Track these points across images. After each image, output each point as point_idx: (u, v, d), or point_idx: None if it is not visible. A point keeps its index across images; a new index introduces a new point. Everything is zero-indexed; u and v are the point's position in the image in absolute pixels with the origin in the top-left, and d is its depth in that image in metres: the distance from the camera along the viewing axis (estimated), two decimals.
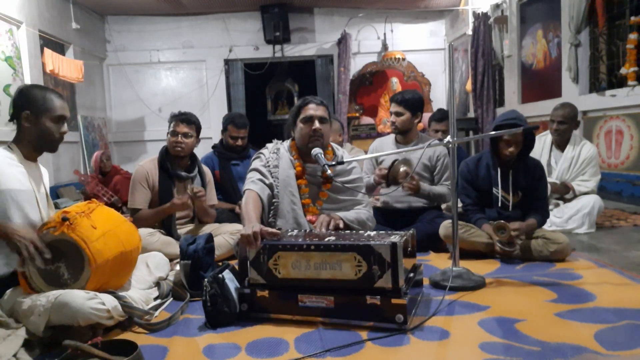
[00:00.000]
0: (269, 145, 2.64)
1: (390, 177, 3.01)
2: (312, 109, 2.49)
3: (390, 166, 3.02)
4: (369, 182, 3.19)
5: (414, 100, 3.20)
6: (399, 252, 1.75)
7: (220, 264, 2.20)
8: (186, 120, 2.97)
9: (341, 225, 2.36)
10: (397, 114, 3.22)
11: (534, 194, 2.78)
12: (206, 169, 3.20)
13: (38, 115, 2.00)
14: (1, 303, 1.84)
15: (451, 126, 2.31)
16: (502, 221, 2.62)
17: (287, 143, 2.62)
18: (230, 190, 3.70)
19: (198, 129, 3.05)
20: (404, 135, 3.27)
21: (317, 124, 2.47)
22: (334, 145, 2.66)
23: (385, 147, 3.31)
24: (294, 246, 1.88)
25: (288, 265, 1.88)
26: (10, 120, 2.06)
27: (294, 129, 2.56)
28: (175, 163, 3.01)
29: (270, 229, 1.98)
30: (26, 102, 2.00)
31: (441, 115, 3.97)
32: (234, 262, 2.13)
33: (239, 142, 3.72)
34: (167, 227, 2.95)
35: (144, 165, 3.01)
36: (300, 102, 2.57)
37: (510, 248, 2.62)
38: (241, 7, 7.90)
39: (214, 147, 3.92)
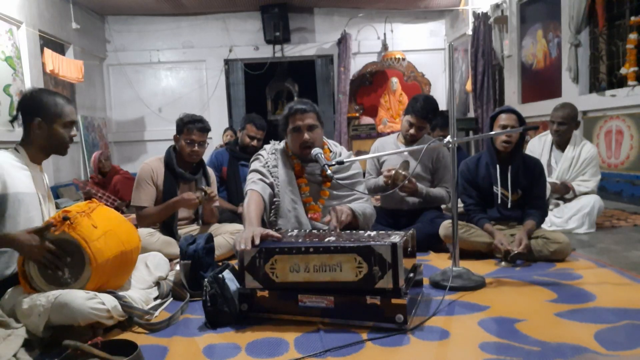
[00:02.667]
0: (266, 146, 2.64)
1: (392, 181, 3.03)
2: (300, 119, 2.44)
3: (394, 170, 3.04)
4: (377, 183, 3.20)
5: (434, 112, 3.21)
6: (399, 252, 1.75)
7: (220, 264, 2.20)
8: (203, 129, 2.94)
9: (348, 216, 2.34)
10: (420, 128, 3.19)
11: (533, 192, 2.79)
12: (210, 171, 3.19)
13: (50, 122, 2.01)
14: (1, 303, 1.83)
15: (451, 126, 2.31)
16: (509, 250, 2.56)
17: (283, 144, 2.62)
18: (233, 189, 3.74)
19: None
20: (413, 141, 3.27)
21: (306, 136, 2.44)
22: (330, 142, 2.64)
23: (386, 147, 3.31)
24: (291, 249, 1.83)
25: (286, 269, 1.84)
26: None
27: (286, 135, 2.55)
28: (182, 165, 3.00)
29: (272, 232, 1.96)
30: (37, 109, 2.00)
31: (446, 121, 3.93)
32: (234, 262, 2.13)
33: (254, 143, 3.77)
34: (168, 227, 2.95)
35: (149, 163, 2.99)
36: (287, 111, 2.50)
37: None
38: (241, 7, 7.91)
39: (227, 144, 3.95)
